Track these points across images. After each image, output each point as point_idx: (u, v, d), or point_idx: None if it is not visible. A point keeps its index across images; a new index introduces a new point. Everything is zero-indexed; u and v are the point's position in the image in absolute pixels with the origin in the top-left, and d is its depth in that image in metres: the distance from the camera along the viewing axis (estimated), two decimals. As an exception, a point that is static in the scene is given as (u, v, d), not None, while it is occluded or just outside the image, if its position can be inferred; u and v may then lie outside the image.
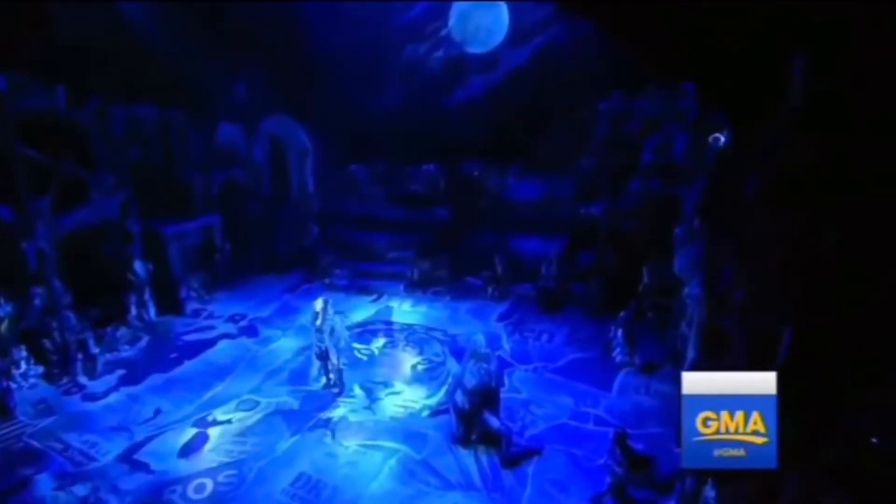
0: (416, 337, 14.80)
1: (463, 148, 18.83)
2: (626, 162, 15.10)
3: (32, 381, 12.80)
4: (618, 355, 13.24)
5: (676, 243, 11.26)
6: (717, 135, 8.12)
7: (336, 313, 12.54)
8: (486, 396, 10.33)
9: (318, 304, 12.09)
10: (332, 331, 11.99)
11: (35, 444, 10.77)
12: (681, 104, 13.36)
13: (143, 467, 9.98)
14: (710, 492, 7.69)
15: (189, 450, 10.45)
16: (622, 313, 13.65)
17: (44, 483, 9.52)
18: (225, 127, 18.68)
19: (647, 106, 14.70)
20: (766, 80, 7.11)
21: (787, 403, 5.97)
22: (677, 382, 11.34)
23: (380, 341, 14.56)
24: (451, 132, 18.85)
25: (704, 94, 11.41)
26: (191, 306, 16.71)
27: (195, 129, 17.75)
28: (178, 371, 13.38)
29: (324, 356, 12.08)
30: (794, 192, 6.57)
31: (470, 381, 10.25)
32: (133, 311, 15.27)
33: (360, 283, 18.06)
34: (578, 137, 16.57)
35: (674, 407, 6.61)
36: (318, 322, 11.91)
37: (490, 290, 17.11)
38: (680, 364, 11.91)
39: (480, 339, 10.90)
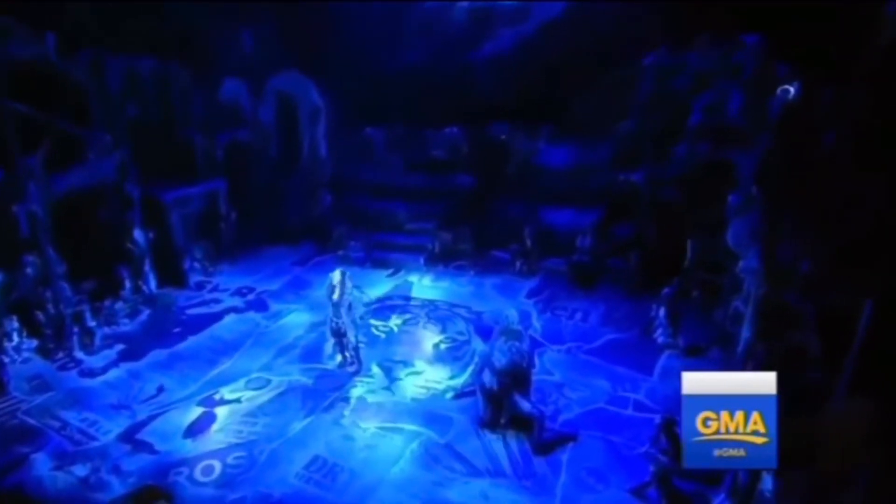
0: (437, 314, 14.76)
1: (489, 109, 18.45)
2: (671, 124, 14.72)
3: (26, 355, 12.98)
4: (660, 336, 13.15)
5: (730, 212, 11.03)
6: (786, 86, 7.78)
7: (353, 287, 12.48)
8: (516, 377, 10.24)
9: (336, 276, 12.02)
10: (350, 306, 11.92)
11: (31, 421, 10.90)
12: (736, 58, 12.95)
13: (146, 447, 10.07)
14: (766, 484, 7.55)
15: (195, 430, 10.53)
16: (665, 290, 13.45)
17: (41, 462, 9.63)
18: (229, 83, 18.50)
19: (697, 61, 14.26)
20: (847, 20, 6.76)
21: (863, 387, 5.80)
22: (726, 367, 11.43)
23: (399, 318, 14.53)
24: (476, 91, 18.47)
25: (768, 42, 10.99)
26: (194, 278, 16.79)
27: (197, 86, 17.57)
28: (181, 346, 13.46)
29: (340, 333, 12.05)
30: (877, 149, 6.28)
31: (500, 361, 10.14)
32: (132, 282, 15.31)
33: (377, 256, 18.01)
34: (618, 97, 16.17)
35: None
36: (336, 296, 11.84)
37: (518, 264, 16.99)
38: (730, 346, 11.79)
39: (513, 314, 10.78)
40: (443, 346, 13.29)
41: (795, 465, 6.56)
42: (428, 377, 12.06)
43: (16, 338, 12.94)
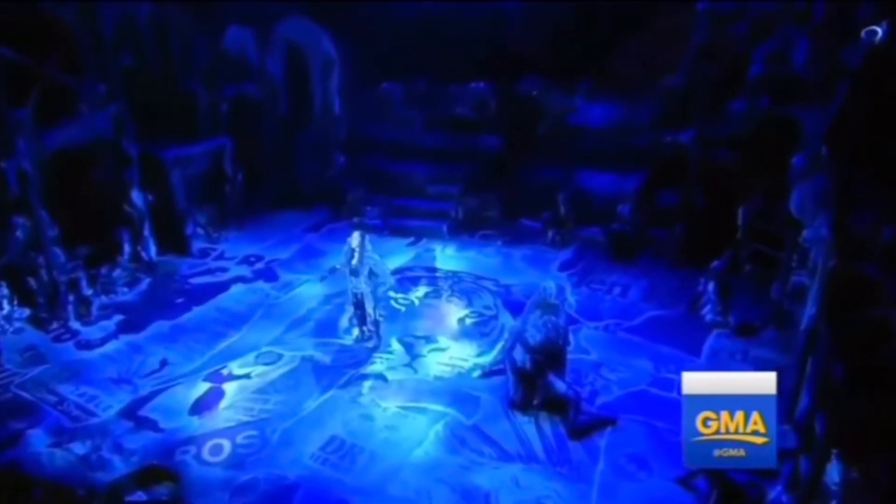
0: (462, 286, 14.72)
1: (520, 61, 18.22)
2: (726, 76, 14.31)
3: (18, 325, 13.09)
4: (708, 313, 13.03)
5: (794, 176, 10.70)
6: (872, 27, 7.40)
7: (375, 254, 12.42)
8: (551, 355, 10.19)
9: (354, 238, 11.93)
10: (371, 273, 11.84)
11: (25, 395, 11.02)
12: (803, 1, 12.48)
13: (150, 424, 10.16)
14: (833, 477, 7.36)
15: (202, 407, 10.62)
16: (715, 263, 13.30)
17: (37, 439, 9.74)
18: (234, 31, 18.27)
19: (758, 4, 13.78)
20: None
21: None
22: (783, 348, 11.25)
23: (420, 290, 14.51)
24: (505, 41, 18.27)
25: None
26: (198, 245, 16.85)
27: (199, 33, 17.36)
28: (185, 318, 13.55)
29: (360, 304, 12.03)
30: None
31: (534, 337, 10.09)
32: (131, 248, 15.33)
33: (395, 223, 17.94)
34: (666, 47, 15.77)
35: (778, 378, 6.47)
36: (354, 261, 11.76)
37: (551, 234, 16.91)
38: (788, 325, 11.58)
39: (551, 286, 10.64)
40: (469, 321, 13.27)
41: (873, 454, 6.37)
42: (453, 354, 12.07)
43: (6, 306, 13.03)
